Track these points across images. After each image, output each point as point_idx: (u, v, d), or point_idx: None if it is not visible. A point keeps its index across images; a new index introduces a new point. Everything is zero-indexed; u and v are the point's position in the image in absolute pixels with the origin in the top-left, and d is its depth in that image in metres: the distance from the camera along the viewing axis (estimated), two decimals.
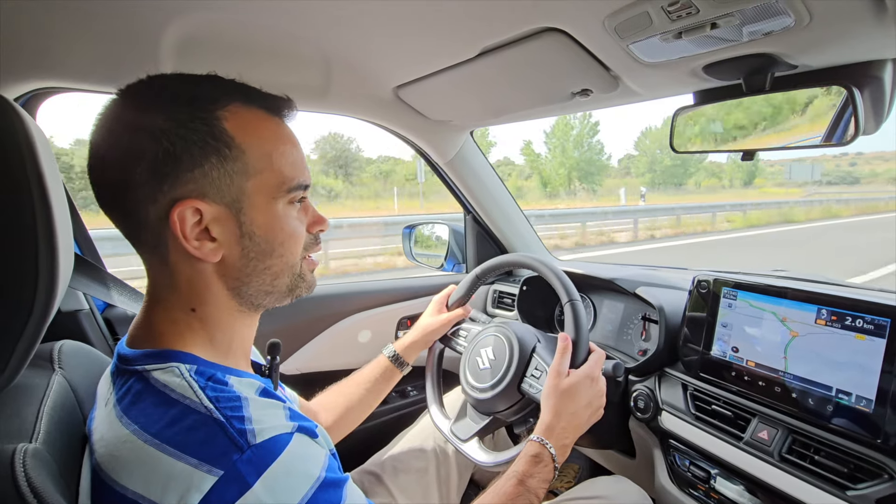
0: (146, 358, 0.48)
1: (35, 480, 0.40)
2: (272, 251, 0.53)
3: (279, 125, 0.54)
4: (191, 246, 0.48)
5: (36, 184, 0.43)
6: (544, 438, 0.74)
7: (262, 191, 0.51)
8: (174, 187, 0.47)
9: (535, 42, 0.78)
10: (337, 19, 0.77)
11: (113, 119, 0.48)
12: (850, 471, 0.69)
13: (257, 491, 0.41)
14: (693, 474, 0.90)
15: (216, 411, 0.43)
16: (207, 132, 0.47)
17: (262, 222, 0.52)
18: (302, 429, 0.47)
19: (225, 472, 0.41)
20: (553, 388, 0.79)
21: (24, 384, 0.53)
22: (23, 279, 0.43)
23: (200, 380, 0.46)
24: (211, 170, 0.47)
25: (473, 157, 1.45)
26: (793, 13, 0.58)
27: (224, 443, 0.42)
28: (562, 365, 0.81)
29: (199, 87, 0.50)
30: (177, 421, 0.43)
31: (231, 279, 0.52)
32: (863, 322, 0.71)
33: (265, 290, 0.55)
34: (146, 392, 0.46)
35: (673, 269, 1.32)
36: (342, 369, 1.32)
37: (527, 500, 0.68)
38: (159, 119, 0.46)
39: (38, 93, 0.90)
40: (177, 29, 0.77)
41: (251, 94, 0.52)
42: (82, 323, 0.99)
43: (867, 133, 0.73)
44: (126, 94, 0.49)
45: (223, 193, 0.49)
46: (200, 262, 0.50)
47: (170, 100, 0.48)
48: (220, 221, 0.49)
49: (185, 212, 0.47)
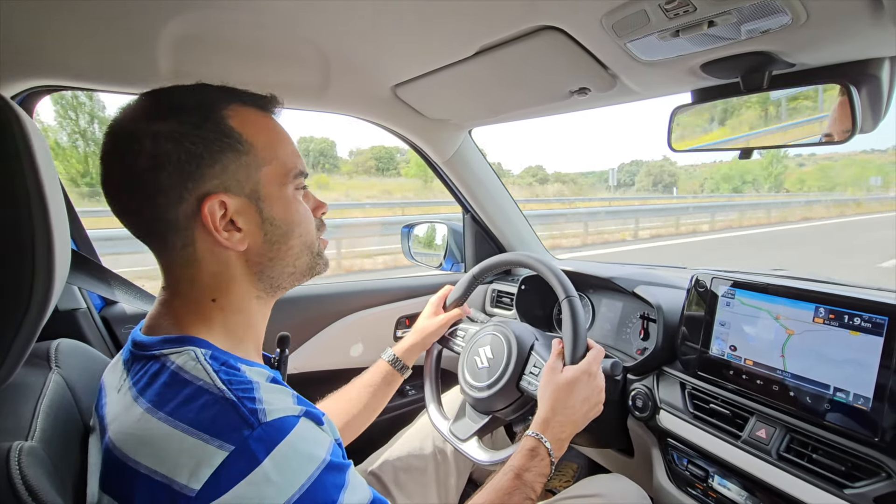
0: (163, 343, 0.50)
1: (31, 478, 0.40)
2: (291, 232, 0.58)
3: (272, 120, 0.59)
4: (221, 237, 0.52)
5: (33, 182, 0.43)
6: (539, 433, 0.74)
7: (274, 179, 0.56)
8: (199, 185, 0.50)
9: (532, 41, 0.78)
10: (335, 18, 0.77)
11: (127, 133, 0.51)
12: (847, 469, 0.69)
13: (266, 467, 0.42)
14: (691, 473, 0.90)
15: (228, 392, 0.45)
16: (220, 131, 0.52)
17: (279, 208, 0.56)
18: (309, 414, 0.48)
19: (236, 447, 0.42)
20: (548, 383, 0.80)
21: (21, 382, 0.53)
22: (19, 277, 0.43)
23: (215, 364, 0.48)
24: (229, 164, 0.52)
25: (472, 156, 1.45)
26: (790, 11, 0.59)
27: (235, 420, 0.43)
28: (557, 362, 0.82)
29: (200, 94, 0.54)
30: (190, 400, 0.44)
31: (255, 264, 0.56)
32: (860, 320, 0.71)
33: (288, 270, 0.59)
34: (161, 373, 0.47)
35: (671, 268, 1.32)
36: (341, 368, 1.32)
37: (523, 494, 0.68)
38: (174, 124, 0.50)
39: (35, 91, 0.90)
40: (175, 27, 0.76)
41: (244, 95, 0.56)
42: (79, 321, 0.99)
43: (864, 131, 0.73)
44: (132, 110, 0.52)
45: (242, 185, 0.53)
46: (227, 252, 0.54)
47: (178, 107, 0.52)
48: (242, 212, 0.53)
49: (214, 206, 0.51)
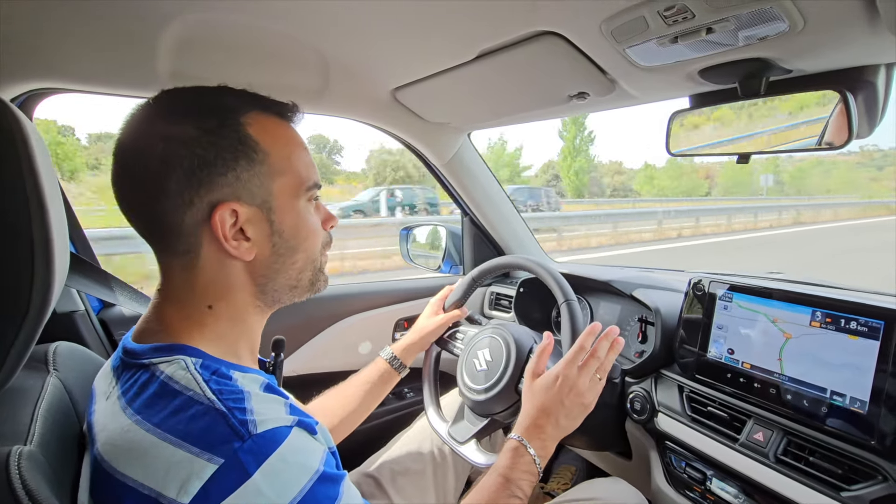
0: (153, 352, 0.49)
1: (30, 483, 0.40)
2: (298, 247, 0.57)
3: (292, 130, 0.58)
4: (230, 246, 0.51)
5: (31, 184, 0.43)
6: (520, 435, 0.74)
7: (286, 191, 0.55)
8: (210, 192, 0.49)
9: (532, 45, 0.78)
10: (335, 21, 0.77)
11: (141, 132, 0.50)
12: (844, 472, 0.69)
13: (257, 480, 0.41)
14: (689, 476, 0.90)
15: (218, 402, 0.44)
16: (235, 138, 0.50)
17: (290, 220, 0.55)
18: (301, 423, 0.48)
19: (225, 460, 0.41)
20: (526, 388, 0.80)
21: (19, 386, 0.53)
22: (18, 280, 0.43)
23: (205, 373, 0.47)
24: (242, 173, 0.51)
25: (471, 160, 1.45)
26: (787, 18, 0.59)
27: (225, 431, 0.42)
28: (538, 365, 0.81)
29: (220, 97, 0.53)
30: (179, 411, 0.44)
31: (259, 276, 0.55)
32: (857, 324, 0.71)
33: (290, 284, 0.58)
34: (150, 384, 0.46)
35: (669, 272, 1.33)
36: (340, 371, 1.32)
37: (509, 493, 0.68)
38: (189, 128, 0.49)
39: (34, 93, 0.89)
40: (175, 30, 0.76)
41: (265, 102, 0.55)
42: (78, 324, 0.99)
43: (860, 137, 0.74)
44: (152, 106, 0.51)
45: (254, 195, 0.52)
46: (232, 261, 0.53)
47: (196, 110, 0.51)
48: (253, 222, 0.52)
49: (225, 214, 0.50)
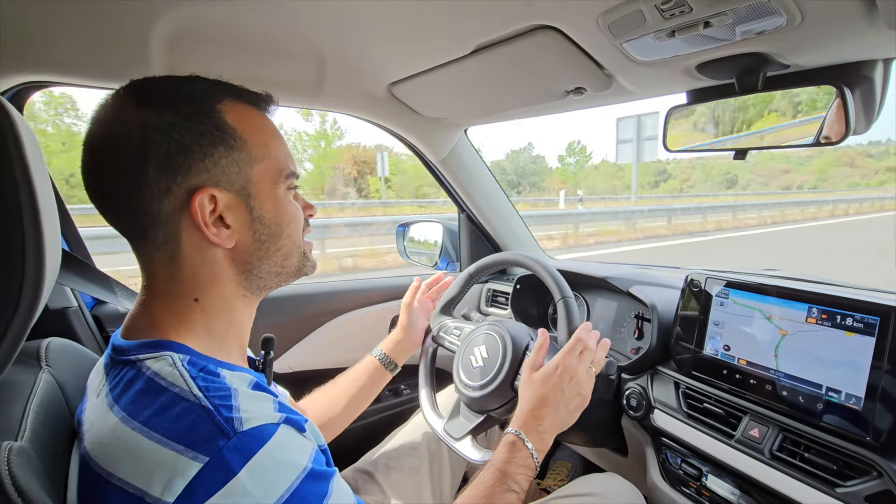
0: (141, 348, 0.49)
1: (20, 479, 0.39)
2: (280, 233, 0.56)
3: (267, 119, 0.58)
4: (210, 233, 0.51)
5: (23, 179, 0.43)
6: (517, 429, 0.74)
7: (265, 178, 0.54)
8: (188, 178, 0.49)
9: (528, 40, 0.78)
10: (330, 15, 0.77)
11: (115, 121, 0.49)
12: (839, 468, 0.69)
13: (242, 478, 0.41)
14: (685, 472, 0.91)
15: (205, 399, 0.44)
16: (212, 124, 0.50)
17: (269, 207, 0.55)
18: (289, 421, 0.47)
19: (210, 458, 0.40)
20: (524, 381, 0.80)
21: (10, 382, 0.53)
22: (8, 275, 0.43)
23: (192, 370, 0.46)
24: (220, 159, 0.50)
25: (468, 156, 1.45)
26: (785, 13, 0.59)
27: (210, 429, 0.42)
28: (536, 360, 0.82)
29: (194, 84, 0.52)
30: (165, 409, 0.43)
31: (242, 263, 0.55)
32: (853, 320, 0.71)
33: (276, 270, 0.58)
34: (137, 380, 0.46)
35: (666, 268, 1.33)
36: (334, 368, 1.31)
37: (506, 486, 0.67)
38: (165, 114, 0.48)
39: (25, 87, 0.88)
40: (168, 23, 0.76)
41: (238, 91, 0.55)
42: (71, 320, 0.98)
43: (858, 132, 0.74)
44: (124, 94, 0.50)
45: (233, 181, 0.52)
46: (213, 249, 0.52)
47: (171, 97, 0.50)
48: (232, 208, 0.52)
49: (204, 199, 0.49)
